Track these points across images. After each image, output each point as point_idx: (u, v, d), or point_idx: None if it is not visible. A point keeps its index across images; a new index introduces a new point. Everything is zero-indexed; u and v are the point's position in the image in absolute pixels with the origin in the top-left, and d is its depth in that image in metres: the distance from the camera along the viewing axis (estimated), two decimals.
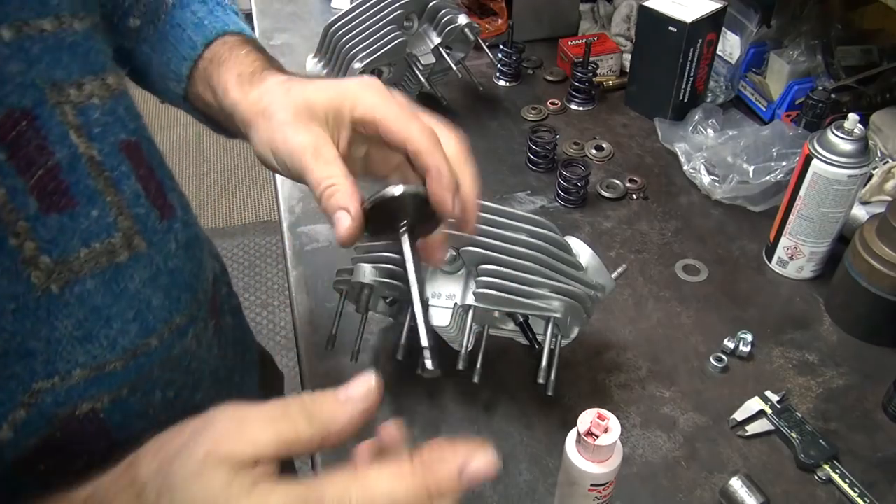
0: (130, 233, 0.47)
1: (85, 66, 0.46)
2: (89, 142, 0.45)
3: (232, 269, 2.33)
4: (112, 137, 0.47)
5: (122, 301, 0.46)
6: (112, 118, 0.47)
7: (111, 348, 0.46)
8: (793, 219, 0.80)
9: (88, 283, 0.44)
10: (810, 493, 0.64)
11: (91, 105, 0.45)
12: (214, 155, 2.84)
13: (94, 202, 0.45)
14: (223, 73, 0.56)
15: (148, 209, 0.49)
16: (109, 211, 0.46)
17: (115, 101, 0.48)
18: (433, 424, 0.69)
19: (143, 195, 0.49)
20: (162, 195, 0.51)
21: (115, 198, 0.46)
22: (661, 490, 0.64)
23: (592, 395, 0.72)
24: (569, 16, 1.29)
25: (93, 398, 0.46)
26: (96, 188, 0.45)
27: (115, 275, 0.46)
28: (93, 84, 0.46)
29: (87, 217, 0.44)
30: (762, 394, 0.70)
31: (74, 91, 0.44)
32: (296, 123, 0.48)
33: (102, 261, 0.45)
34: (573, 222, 0.93)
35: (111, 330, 0.46)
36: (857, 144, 0.73)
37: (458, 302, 0.65)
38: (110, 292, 0.46)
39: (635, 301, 0.82)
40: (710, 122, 1.01)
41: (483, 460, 0.36)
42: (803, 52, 1.05)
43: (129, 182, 0.48)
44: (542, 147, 0.99)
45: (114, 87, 0.48)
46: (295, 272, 0.85)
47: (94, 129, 0.45)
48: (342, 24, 0.96)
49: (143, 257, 0.48)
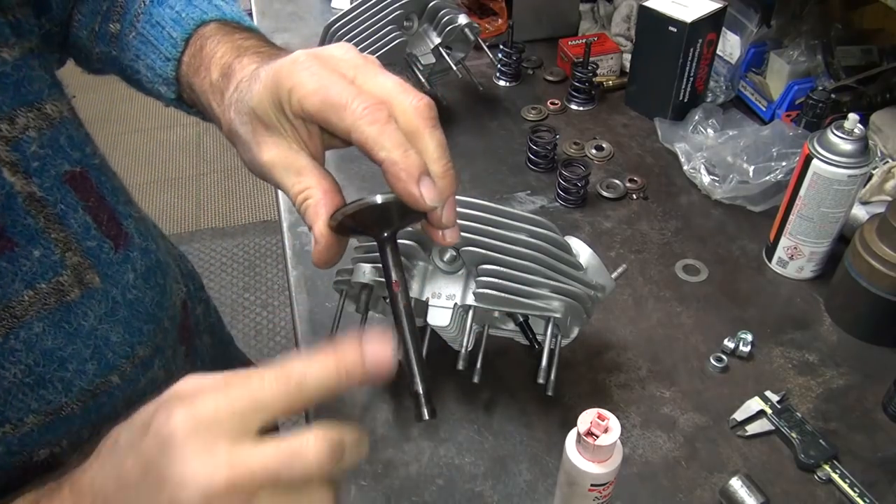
0: (81, 269, 0.45)
1: (17, 97, 0.43)
2: (27, 178, 0.43)
3: (232, 269, 2.33)
4: (53, 170, 0.45)
5: (76, 341, 0.45)
6: (52, 150, 0.45)
7: (66, 391, 0.44)
8: (793, 219, 0.80)
9: (35, 326, 0.42)
10: (810, 493, 0.64)
11: (26, 138, 0.43)
12: (214, 155, 2.84)
13: (35, 242, 0.43)
14: (202, 82, 0.52)
15: (100, 241, 0.47)
16: (54, 249, 0.44)
17: (55, 130, 0.45)
18: (433, 424, 0.69)
19: (93, 227, 0.46)
20: (116, 224, 0.49)
21: (61, 234, 0.44)
22: (661, 490, 0.64)
23: (592, 395, 0.72)
24: (569, 16, 1.29)
25: (50, 443, 0.44)
26: (36, 227, 0.43)
27: (67, 314, 0.44)
28: (27, 116, 0.43)
29: (28, 258, 0.42)
30: (762, 394, 0.70)
31: (6, 126, 0.42)
32: (256, 140, 0.44)
33: (51, 301, 0.43)
34: (573, 222, 0.93)
35: (66, 372, 0.44)
36: (857, 144, 0.73)
37: (458, 302, 0.65)
38: (62, 333, 0.44)
39: (635, 301, 0.82)
40: (710, 122, 1.01)
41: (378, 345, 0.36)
42: (803, 52, 1.05)
43: (76, 215, 0.45)
44: (542, 147, 0.99)
45: (53, 116, 0.46)
46: (295, 272, 0.85)
47: (33, 163, 0.43)
48: (342, 24, 0.96)
49: (98, 292, 0.46)
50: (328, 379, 0.35)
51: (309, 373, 0.35)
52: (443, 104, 1.10)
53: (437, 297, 0.65)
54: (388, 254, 0.44)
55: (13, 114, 0.43)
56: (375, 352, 0.35)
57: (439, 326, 0.64)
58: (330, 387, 0.35)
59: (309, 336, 0.77)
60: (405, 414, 0.70)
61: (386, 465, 0.66)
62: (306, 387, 0.35)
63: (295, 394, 0.35)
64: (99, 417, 0.47)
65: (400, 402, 0.71)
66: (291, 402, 0.35)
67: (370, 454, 0.66)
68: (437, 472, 0.65)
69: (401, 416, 0.70)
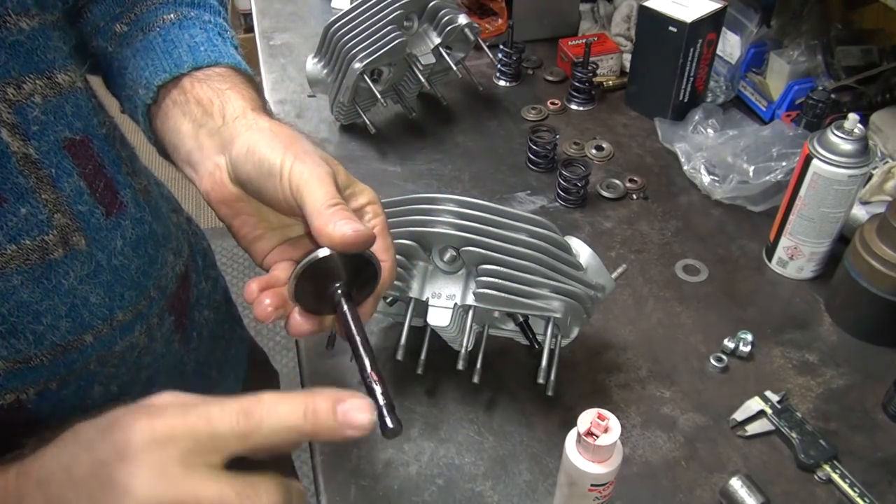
0: (68, 230, 0.47)
1: (27, 64, 0.45)
2: (25, 140, 0.44)
3: (232, 270, 2.34)
4: (52, 136, 0.46)
5: (53, 297, 0.46)
6: (54, 116, 0.47)
7: (38, 343, 0.46)
8: (793, 219, 0.80)
9: (14, 278, 0.44)
10: (810, 493, 0.64)
11: (30, 103, 0.45)
12: None
13: (23, 200, 0.45)
14: (205, 91, 0.52)
15: (92, 206, 0.49)
16: (43, 209, 0.45)
17: (61, 98, 0.47)
18: (433, 424, 0.69)
19: (86, 192, 0.48)
20: (111, 192, 0.50)
21: (52, 195, 0.46)
22: (661, 490, 0.64)
23: (592, 395, 0.72)
24: (569, 16, 1.29)
25: (16, 389, 0.46)
26: (27, 186, 0.45)
27: (47, 271, 0.46)
28: (36, 83, 0.45)
29: (15, 214, 0.44)
30: (762, 394, 0.70)
31: (12, 90, 0.44)
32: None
33: (33, 258, 0.45)
34: (573, 222, 0.93)
35: (39, 325, 0.46)
36: (857, 144, 0.73)
37: (458, 302, 0.65)
38: (40, 288, 0.46)
39: (635, 301, 0.82)
40: (710, 122, 1.01)
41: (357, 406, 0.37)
42: (803, 52, 1.05)
43: (70, 179, 0.47)
44: (542, 147, 0.99)
45: (63, 85, 0.47)
46: None
47: (33, 126, 0.45)
48: (342, 24, 0.96)
49: (82, 254, 0.48)
50: (290, 424, 0.36)
51: (272, 414, 0.36)
52: (443, 104, 1.10)
53: (437, 297, 0.65)
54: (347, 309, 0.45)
55: (21, 80, 0.44)
56: (351, 415, 0.37)
57: (439, 326, 0.64)
58: (290, 433, 0.36)
59: (309, 336, 0.77)
60: (405, 414, 0.70)
61: (386, 465, 0.66)
62: (264, 428, 0.36)
63: (251, 432, 0.35)
64: (68, 372, 0.48)
65: (400, 403, 0.71)
66: (247, 439, 0.35)
67: (370, 454, 0.66)
68: (437, 472, 0.65)
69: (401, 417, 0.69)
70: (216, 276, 0.73)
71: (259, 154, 0.45)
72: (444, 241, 0.64)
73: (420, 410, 0.70)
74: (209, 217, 2.38)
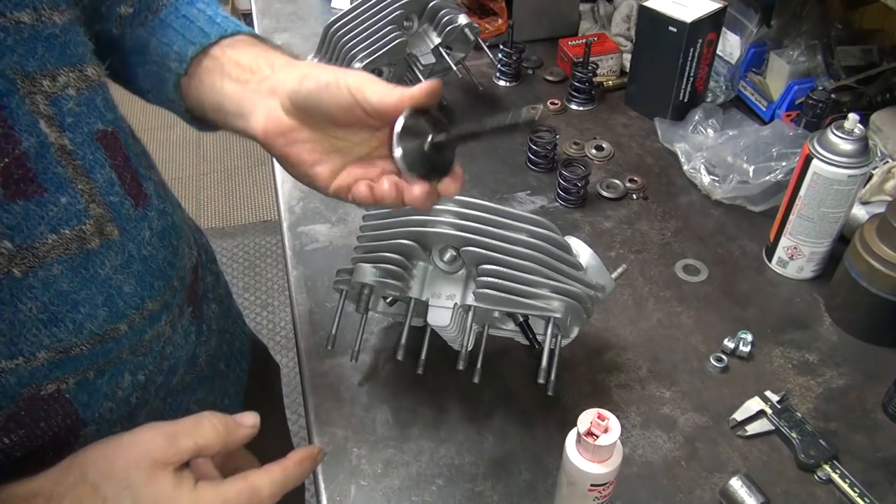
0: (103, 220, 0.48)
1: (62, 57, 0.46)
2: (61, 131, 0.46)
3: (232, 269, 2.33)
4: (86, 127, 0.48)
5: (91, 286, 0.48)
6: (87, 108, 0.48)
7: (77, 332, 0.47)
8: (793, 219, 0.80)
9: (55, 268, 0.45)
10: (810, 493, 0.64)
11: (65, 96, 0.46)
12: (214, 155, 2.84)
13: (62, 190, 0.45)
14: (260, 52, 0.57)
15: (122, 197, 0.50)
16: (80, 199, 0.47)
17: (92, 91, 0.49)
18: (433, 424, 0.69)
19: (117, 184, 0.49)
20: (137, 184, 0.52)
21: (87, 186, 0.47)
22: (661, 490, 0.64)
23: (592, 395, 0.72)
24: (569, 16, 1.29)
25: (57, 379, 0.47)
26: (66, 176, 0.46)
27: (85, 261, 0.47)
28: (69, 75, 0.47)
29: (55, 204, 0.45)
30: (762, 394, 0.70)
31: (48, 82, 0.45)
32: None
33: (72, 247, 0.46)
34: (573, 222, 0.93)
35: (78, 314, 0.47)
36: (857, 144, 0.73)
37: (458, 302, 0.65)
38: (78, 277, 0.47)
39: (635, 301, 0.82)
40: (710, 122, 1.01)
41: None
42: (803, 52, 1.05)
43: (102, 171, 0.48)
44: (542, 147, 0.99)
45: (93, 78, 0.49)
46: (295, 272, 0.85)
47: (67, 118, 0.46)
48: (342, 23, 0.96)
49: (116, 244, 0.49)
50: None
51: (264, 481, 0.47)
52: (443, 104, 1.10)
53: (437, 297, 0.65)
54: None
55: (56, 72, 0.46)
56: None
57: (439, 326, 0.64)
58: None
59: (309, 336, 0.77)
60: (405, 414, 0.70)
61: (386, 465, 0.66)
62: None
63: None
64: (105, 361, 0.50)
65: (400, 403, 0.71)
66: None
67: (370, 454, 0.66)
68: (437, 472, 0.65)
69: (401, 417, 0.70)
70: (217, 271, 0.75)
71: (314, 75, 0.51)
72: (444, 241, 0.64)
73: (420, 410, 0.70)
74: (209, 217, 2.37)
